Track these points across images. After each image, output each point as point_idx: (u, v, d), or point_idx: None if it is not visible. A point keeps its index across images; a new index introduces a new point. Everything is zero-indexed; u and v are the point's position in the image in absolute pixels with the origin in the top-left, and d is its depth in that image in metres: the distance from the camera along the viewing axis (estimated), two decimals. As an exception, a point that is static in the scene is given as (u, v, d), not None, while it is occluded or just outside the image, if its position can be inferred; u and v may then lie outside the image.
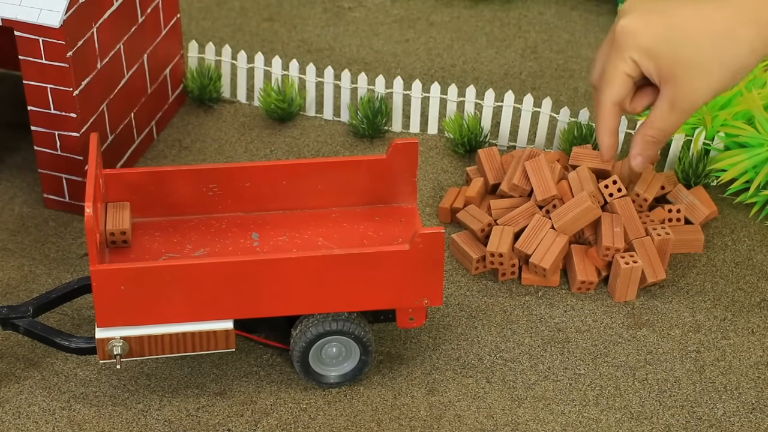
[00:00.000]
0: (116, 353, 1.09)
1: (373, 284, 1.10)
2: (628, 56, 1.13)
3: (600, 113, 1.17)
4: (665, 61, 1.11)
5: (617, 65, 1.14)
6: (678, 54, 1.10)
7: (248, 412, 1.14)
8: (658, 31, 1.11)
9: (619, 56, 1.13)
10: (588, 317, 1.23)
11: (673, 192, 1.33)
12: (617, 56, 1.13)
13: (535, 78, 1.56)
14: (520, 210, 1.28)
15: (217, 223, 1.19)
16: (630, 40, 1.12)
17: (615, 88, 1.15)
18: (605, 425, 1.13)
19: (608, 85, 1.15)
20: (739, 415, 1.14)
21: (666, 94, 1.13)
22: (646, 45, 1.11)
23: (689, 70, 1.11)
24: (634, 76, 1.14)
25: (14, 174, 1.40)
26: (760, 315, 1.24)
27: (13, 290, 1.25)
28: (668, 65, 1.11)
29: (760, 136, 1.34)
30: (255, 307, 1.10)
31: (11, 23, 1.22)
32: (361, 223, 1.19)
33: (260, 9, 1.69)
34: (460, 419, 1.13)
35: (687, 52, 1.10)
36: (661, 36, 1.11)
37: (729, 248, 1.32)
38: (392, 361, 1.19)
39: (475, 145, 1.42)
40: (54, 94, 1.26)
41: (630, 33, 1.12)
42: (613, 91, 1.15)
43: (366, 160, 1.19)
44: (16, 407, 1.14)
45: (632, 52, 1.12)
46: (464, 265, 1.28)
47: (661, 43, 1.11)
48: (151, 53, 1.40)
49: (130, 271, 1.06)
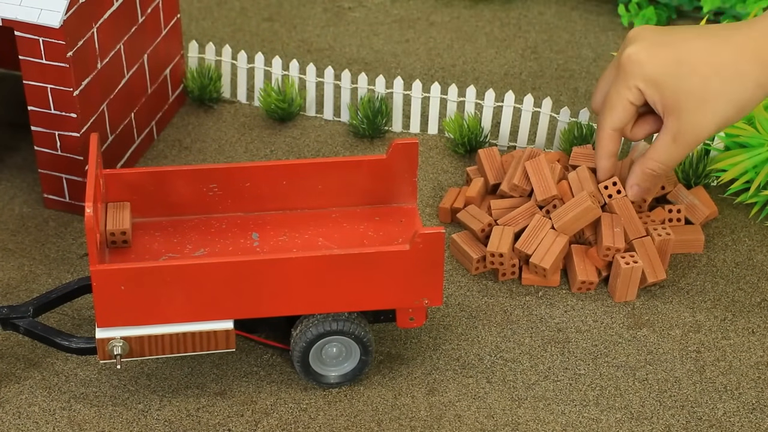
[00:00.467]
0: (116, 353, 1.09)
1: (374, 284, 1.10)
2: (633, 84, 1.13)
3: (600, 137, 1.18)
4: (670, 93, 1.11)
5: (621, 92, 1.14)
6: (684, 86, 1.11)
7: (248, 412, 1.14)
8: (665, 63, 1.11)
9: (624, 84, 1.13)
10: (588, 317, 1.23)
11: (673, 192, 1.33)
12: (622, 83, 1.14)
13: (535, 78, 1.56)
14: (521, 210, 1.28)
15: (217, 223, 1.19)
16: (636, 68, 1.13)
17: (617, 114, 1.15)
18: (605, 425, 1.13)
19: (610, 111, 1.15)
20: (739, 415, 1.14)
21: (669, 126, 1.13)
22: (653, 75, 1.12)
23: (694, 104, 1.11)
24: (638, 104, 1.14)
25: (14, 174, 1.40)
26: (760, 315, 1.24)
27: (13, 290, 1.25)
28: (673, 97, 1.11)
29: (760, 136, 1.34)
30: (255, 307, 1.10)
31: (11, 23, 1.22)
32: (361, 223, 1.19)
33: (260, 9, 1.69)
34: (460, 419, 1.13)
35: (693, 86, 1.10)
36: (667, 68, 1.11)
37: (729, 248, 1.32)
38: (392, 361, 1.19)
39: (475, 145, 1.42)
40: (54, 94, 1.26)
41: (636, 62, 1.13)
42: (614, 117, 1.15)
43: (366, 160, 1.19)
44: (16, 407, 1.14)
45: (638, 80, 1.13)
46: (464, 265, 1.28)
47: (667, 75, 1.11)
48: (151, 53, 1.40)
49: (130, 271, 1.06)
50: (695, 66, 1.11)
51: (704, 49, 1.11)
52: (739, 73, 1.10)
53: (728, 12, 1.63)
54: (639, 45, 1.14)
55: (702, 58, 1.11)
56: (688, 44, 1.12)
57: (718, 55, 1.10)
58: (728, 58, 1.10)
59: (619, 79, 1.15)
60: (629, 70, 1.14)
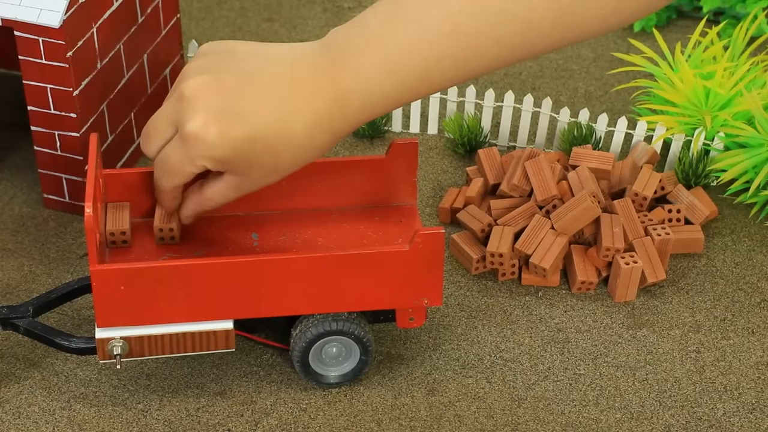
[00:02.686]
0: (116, 353, 1.09)
1: (373, 284, 1.10)
2: (200, 162, 1.05)
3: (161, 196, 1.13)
4: (240, 167, 1.06)
5: (185, 165, 1.06)
6: (256, 162, 1.05)
7: (248, 412, 1.14)
8: (236, 146, 1.03)
9: (189, 159, 1.05)
10: (588, 317, 1.23)
11: (673, 192, 1.33)
12: (186, 159, 1.06)
13: (535, 78, 1.56)
14: (520, 210, 1.28)
15: (217, 222, 1.19)
16: (205, 150, 1.04)
17: (178, 180, 1.09)
18: (605, 425, 1.13)
19: (171, 176, 1.08)
20: (739, 416, 1.14)
21: (231, 180, 1.08)
22: (223, 157, 1.04)
23: (265, 173, 1.06)
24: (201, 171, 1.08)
25: (14, 174, 1.40)
26: (760, 315, 1.24)
27: (13, 290, 1.25)
28: (242, 170, 1.06)
29: (760, 136, 1.34)
30: (255, 307, 1.10)
31: (11, 23, 1.22)
32: (361, 223, 1.19)
33: (260, 9, 1.69)
34: (460, 419, 1.13)
35: (265, 161, 1.05)
36: (240, 149, 1.04)
37: (729, 248, 1.32)
38: (392, 361, 1.19)
39: (475, 145, 1.42)
40: (54, 94, 1.26)
41: (204, 142, 1.03)
42: (176, 181, 1.09)
43: (366, 160, 1.19)
44: (16, 407, 1.14)
45: (205, 160, 1.05)
46: (464, 265, 1.28)
47: (239, 156, 1.04)
48: (151, 53, 1.39)
49: (130, 271, 1.06)
50: (268, 144, 1.04)
51: (276, 121, 1.04)
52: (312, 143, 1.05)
53: (728, 12, 1.63)
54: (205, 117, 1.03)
55: (274, 133, 1.04)
56: (260, 118, 1.03)
57: (289, 129, 1.04)
58: (300, 129, 1.04)
59: (183, 152, 1.05)
60: (194, 149, 1.04)
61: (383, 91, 1.03)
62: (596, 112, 1.50)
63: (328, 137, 1.06)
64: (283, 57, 1.06)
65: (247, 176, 1.07)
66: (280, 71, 1.05)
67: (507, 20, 0.98)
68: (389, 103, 1.04)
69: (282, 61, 1.06)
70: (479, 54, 1.01)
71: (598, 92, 1.54)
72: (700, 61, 1.42)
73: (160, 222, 1.15)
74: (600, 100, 1.53)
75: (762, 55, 1.45)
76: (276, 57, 1.06)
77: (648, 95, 1.49)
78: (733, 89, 1.38)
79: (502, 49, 1.01)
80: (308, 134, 1.05)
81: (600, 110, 1.50)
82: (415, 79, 1.02)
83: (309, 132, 1.04)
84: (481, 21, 0.99)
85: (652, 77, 1.53)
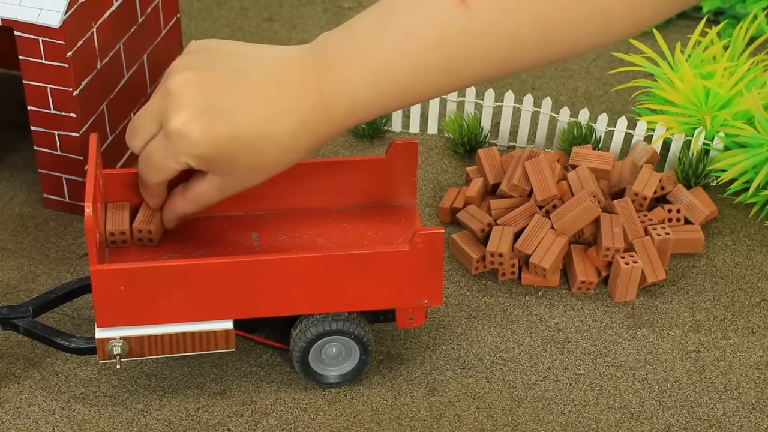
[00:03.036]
0: (116, 353, 1.09)
1: (373, 284, 1.10)
2: (183, 160, 1.05)
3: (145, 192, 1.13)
4: (224, 166, 1.05)
5: (168, 161, 1.06)
6: (239, 161, 1.05)
7: (248, 412, 1.14)
8: (219, 143, 1.03)
9: (172, 155, 1.05)
10: (588, 317, 1.23)
11: (673, 192, 1.33)
12: (170, 155, 1.05)
13: (535, 78, 1.56)
14: (520, 210, 1.28)
15: (217, 222, 1.19)
16: (188, 146, 1.04)
17: (162, 175, 1.08)
18: (605, 425, 1.13)
19: (155, 171, 1.08)
20: (739, 415, 1.14)
21: (214, 181, 1.08)
22: (205, 154, 1.04)
23: (248, 172, 1.06)
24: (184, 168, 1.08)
25: (14, 174, 1.40)
26: (760, 315, 1.24)
27: (13, 290, 1.25)
28: (225, 169, 1.06)
29: (760, 136, 1.34)
30: (255, 307, 1.10)
31: (11, 23, 1.22)
32: (361, 223, 1.19)
33: (260, 9, 1.69)
34: (460, 419, 1.13)
35: (248, 160, 1.05)
36: (223, 147, 1.03)
37: (729, 248, 1.32)
38: (392, 361, 1.19)
39: (475, 145, 1.42)
40: (54, 94, 1.26)
41: (188, 139, 1.03)
42: (159, 177, 1.08)
43: (366, 160, 1.19)
44: (16, 407, 1.14)
45: (188, 157, 1.05)
46: (464, 265, 1.28)
47: (222, 154, 1.04)
48: (151, 53, 1.40)
49: (130, 271, 1.06)
50: (251, 143, 1.03)
51: (260, 121, 1.03)
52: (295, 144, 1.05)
53: (728, 12, 1.63)
54: (189, 113, 1.03)
55: (258, 133, 1.03)
56: (244, 117, 1.03)
57: (273, 129, 1.03)
58: (284, 130, 1.04)
59: (167, 149, 1.05)
60: (178, 145, 1.04)
61: (369, 97, 1.03)
62: (596, 112, 1.50)
63: (312, 139, 1.05)
64: (272, 57, 1.06)
65: (230, 176, 1.07)
66: (267, 71, 1.05)
67: (494, 34, 0.98)
68: (375, 110, 1.04)
69: (270, 61, 1.06)
70: (466, 66, 1.01)
71: (598, 92, 1.54)
72: (700, 61, 1.42)
73: (139, 223, 1.15)
74: (600, 100, 1.53)
75: (762, 55, 1.45)
76: (264, 57, 1.06)
77: (648, 95, 1.49)
78: (733, 89, 1.38)
79: (489, 62, 1.01)
80: (292, 135, 1.04)
81: (600, 110, 1.50)
82: (401, 87, 1.02)
83: (293, 133, 1.04)
84: (469, 34, 0.99)
85: (652, 77, 1.53)
